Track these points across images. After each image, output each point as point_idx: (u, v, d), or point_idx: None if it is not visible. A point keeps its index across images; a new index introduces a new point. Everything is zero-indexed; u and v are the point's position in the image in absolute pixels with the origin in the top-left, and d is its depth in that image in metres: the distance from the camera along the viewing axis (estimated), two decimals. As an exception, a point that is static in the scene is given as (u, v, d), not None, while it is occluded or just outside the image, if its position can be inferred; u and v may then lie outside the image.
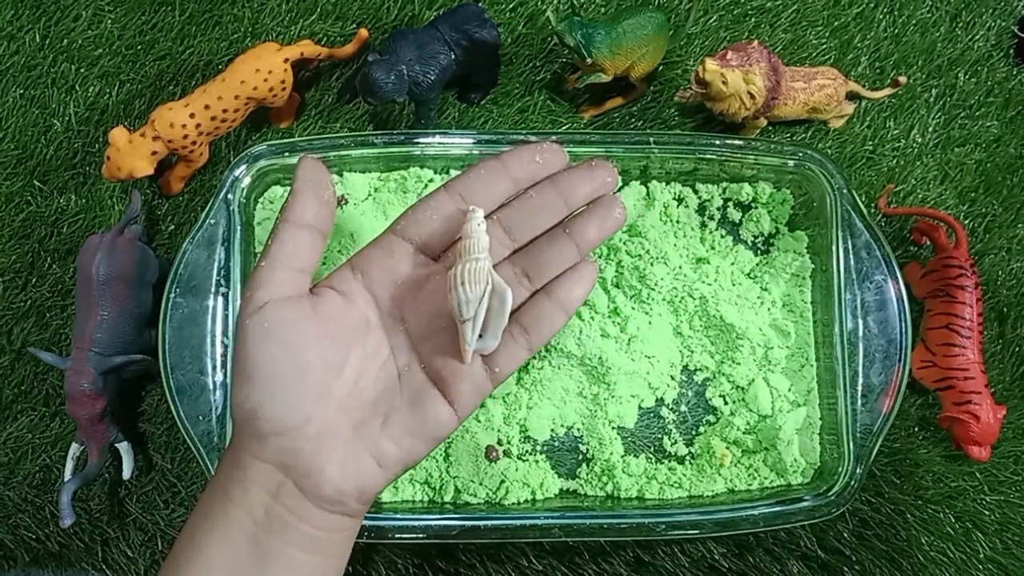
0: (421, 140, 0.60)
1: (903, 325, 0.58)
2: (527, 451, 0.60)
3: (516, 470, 0.59)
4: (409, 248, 0.40)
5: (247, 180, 0.58)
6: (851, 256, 0.59)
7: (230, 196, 0.58)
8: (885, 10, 0.69)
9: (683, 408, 0.62)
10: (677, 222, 0.63)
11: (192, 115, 0.58)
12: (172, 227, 0.64)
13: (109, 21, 0.65)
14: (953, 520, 0.63)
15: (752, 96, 0.60)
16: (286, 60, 0.59)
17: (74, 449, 0.58)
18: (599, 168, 0.41)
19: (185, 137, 0.58)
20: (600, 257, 0.61)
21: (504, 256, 0.40)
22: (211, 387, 0.56)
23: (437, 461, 0.59)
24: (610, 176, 0.41)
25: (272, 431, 0.36)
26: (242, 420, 0.37)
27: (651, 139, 0.60)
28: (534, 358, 0.59)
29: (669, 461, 0.61)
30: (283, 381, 0.36)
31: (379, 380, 0.39)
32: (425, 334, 0.39)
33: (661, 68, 0.66)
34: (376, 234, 0.61)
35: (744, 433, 0.61)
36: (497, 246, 0.40)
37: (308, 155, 0.40)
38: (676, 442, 0.61)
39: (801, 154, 0.60)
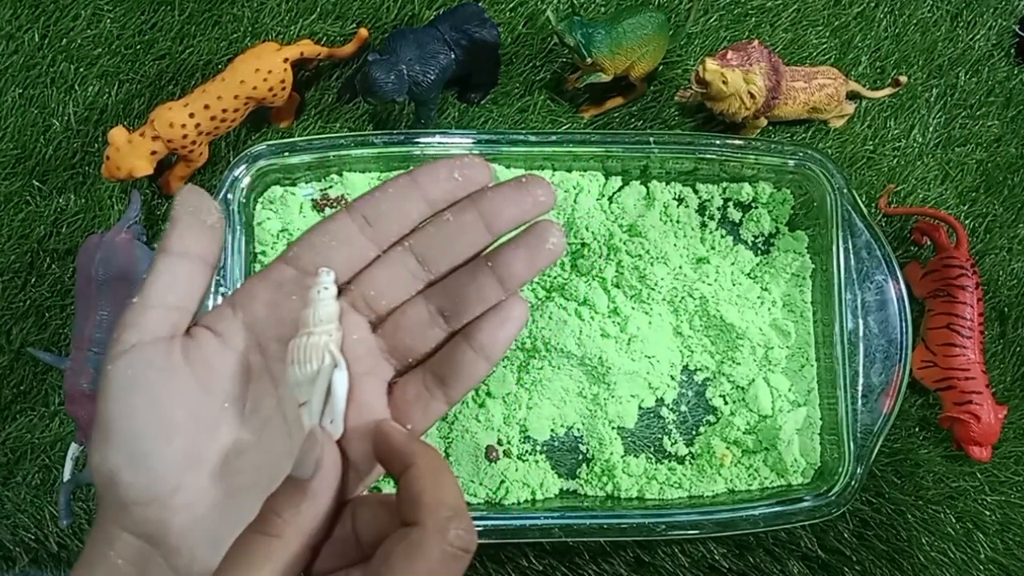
0: (421, 140, 0.60)
1: (904, 325, 0.58)
2: (527, 451, 0.60)
3: (516, 470, 0.59)
4: (303, 280, 0.33)
5: (247, 180, 0.58)
6: (851, 256, 0.59)
7: (230, 196, 0.58)
8: (886, 9, 0.69)
9: (683, 408, 0.62)
10: (677, 222, 0.63)
11: (192, 115, 0.58)
12: (171, 227, 0.63)
13: (108, 20, 0.65)
14: (954, 520, 0.62)
15: (752, 96, 0.60)
16: (286, 60, 0.59)
17: (73, 449, 0.58)
18: (530, 185, 0.33)
19: (184, 137, 0.58)
20: (600, 257, 0.61)
21: (417, 290, 0.34)
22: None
23: (437, 461, 0.59)
24: (544, 195, 0.33)
25: (134, 500, 0.30)
26: (102, 485, 0.31)
27: (651, 139, 0.60)
28: (533, 358, 0.59)
29: (669, 461, 0.61)
30: (146, 442, 0.30)
31: (265, 438, 0.33)
32: None
33: (661, 68, 0.66)
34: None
35: (744, 433, 0.60)
36: (409, 278, 0.33)
37: (188, 185, 0.34)
38: (676, 442, 0.61)
39: (801, 154, 0.60)
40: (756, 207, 0.64)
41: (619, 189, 0.63)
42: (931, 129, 0.67)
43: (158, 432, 0.31)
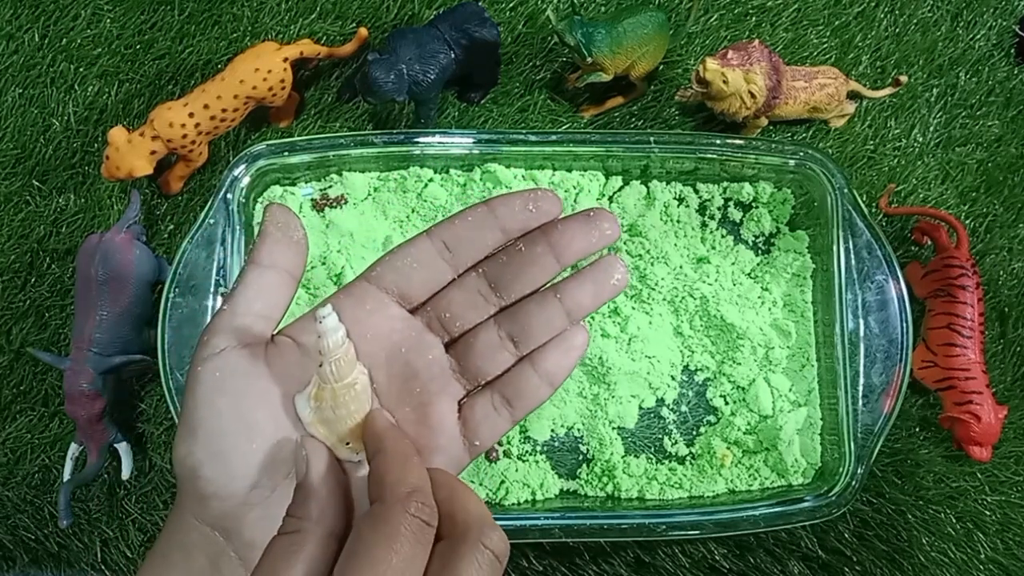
0: (421, 139, 0.59)
1: (904, 325, 0.58)
2: (527, 451, 0.60)
3: (516, 470, 0.59)
4: (384, 298, 0.35)
5: (246, 179, 0.58)
6: (852, 256, 0.59)
7: (229, 196, 0.57)
8: (886, 9, 0.69)
9: (684, 408, 0.62)
10: (678, 222, 0.63)
11: (191, 114, 0.58)
12: (171, 227, 0.63)
13: (108, 20, 0.65)
14: (954, 520, 0.62)
15: (753, 95, 0.60)
16: (285, 59, 0.59)
17: (73, 449, 0.58)
18: (597, 219, 0.36)
19: (184, 136, 0.58)
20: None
21: (489, 314, 0.36)
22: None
23: (437, 461, 0.59)
24: (610, 228, 0.36)
25: (213, 493, 0.32)
26: (183, 478, 0.33)
27: (652, 138, 0.60)
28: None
29: (670, 461, 0.61)
30: (229, 440, 0.33)
31: None
32: (397, 397, 0.35)
33: (661, 67, 0.66)
34: (375, 233, 0.61)
35: (745, 433, 0.60)
36: (482, 302, 0.35)
37: (276, 203, 0.36)
38: (677, 442, 0.61)
39: (802, 153, 0.60)
40: (757, 207, 0.63)
41: (619, 189, 0.63)
42: (931, 129, 0.67)
43: (240, 432, 0.33)
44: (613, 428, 0.61)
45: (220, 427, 0.32)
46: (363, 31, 0.63)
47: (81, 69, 0.65)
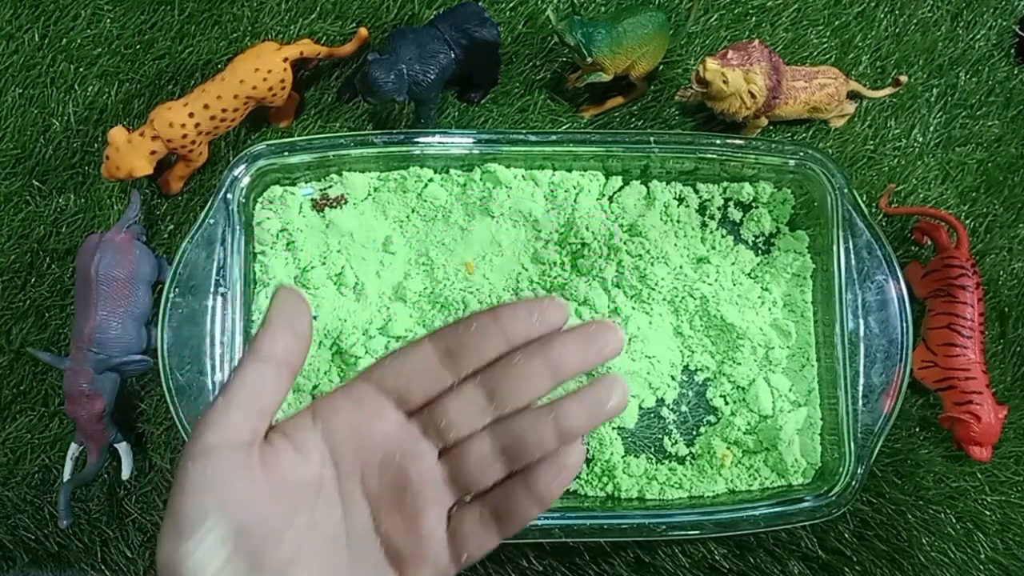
0: (421, 139, 0.59)
1: (904, 325, 0.58)
2: (527, 451, 0.60)
3: (516, 470, 0.59)
4: (383, 401, 0.35)
5: (246, 180, 0.58)
6: (852, 256, 0.59)
7: (229, 196, 0.57)
8: (886, 9, 0.69)
9: (684, 408, 0.62)
10: (678, 222, 0.63)
11: (191, 114, 0.58)
12: (171, 227, 0.63)
13: (108, 20, 0.65)
14: (954, 520, 0.62)
15: (753, 95, 0.60)
16: (285, 59, 0.59)
17: (73, 449, 0.58)
18: (597, 335, 0.35)
19: (184, 136, 0.58)
20: (600, 257, 0.61)
21: (484, 424, 0.35)
22: (210, 387, 0.55)
23: (437, 461, 0.59)
24: (612, 345, 0.35)
25: None
26: (164, 572, 0.32)
27: (652, 138, 0.60)
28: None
29: (670, 461, 0.61)
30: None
31: (324, 550, 0.34)
32: (388, 504, 0.34)
33: (661, 67, 0.66)
34: (375, 233, 0.61)
35: (745, 433, 0.60)
36: (478, 413, 0.35)
37: (285, 286, 0.36)
38: (677, 442, 0.61)
39: (802, 153, 0.60)
40: (757, 207, 0.63)
41: (619, 189, 0.63)
42: (931, 129, 0.67)
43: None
44: (613, 428, 0.61)
45: (205, 527, 0.32)
46: (363, 31, 0.63)
47: (81, 69, 0.65)
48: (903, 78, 0.66)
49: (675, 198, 0.63)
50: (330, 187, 0.62)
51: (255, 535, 0.32)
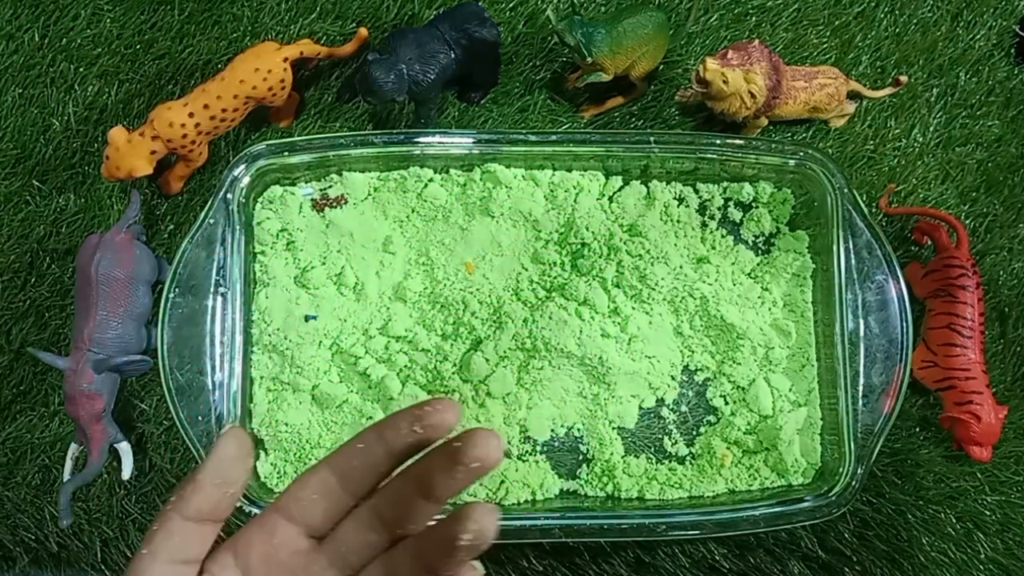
0: (421, 140, 0.60)
1: (904, 325, 0.58)
2: (527, 451, 0.60)
3: (516, 470, 0.59)
4: (292, 529, 0.35)
5: (246, 179, 0.58)
6: (852, 256, 0.59)
7: (229, 196, 0.57)
8: (886, 9, 0.69)
9: (684, 408, 0.62)
10: (678, 222, 0.63)
11: (191, 114, 0.58)
12: (171, 227, 0.63)
13: (108, 20, 0.65)
14: (954, 520, 0.62)
15: (753, 95, 0.60)
16: (285, 59, 0.59)
17: (73, 449, 0.58)
18: (463, 454, 0.31)
19: (184, 136, 0.58)
20: (600, 257, 0.61)
21: (381, 549, 0.34)
22: (210, 387, 0.55)
23: (437, 461, 0.59)
24: (480, 460, 0.31)
25: None
26: None
27: (652, 138, 0.60)
28: (533, 358, 0.59)
29: (670, 461, 0.61)
30: None
31: None
32: None
33: (662, 67, 0.66)
34: (375, 233, 0.61)
35: (745, 433, 0.60)
36: (375, 539, 0.34)
37: (235, 429, 0.35)
38: (677, 442, 0.61)
39: (802, 153, 0.60)
40: (757, 207, 0.63)
41: (619, 189, 0.63)
42: (931, 129, 0.67)
43: None
44: (613, 428, 0.61)
45: None
46: (363, 31, 0.63)
47: (81, 69, 0.65)
48: (903, 78, 0.66)
49: (675, 198, 0.63)
50: (330, 187, 0.62)
51: None
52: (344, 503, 0.35)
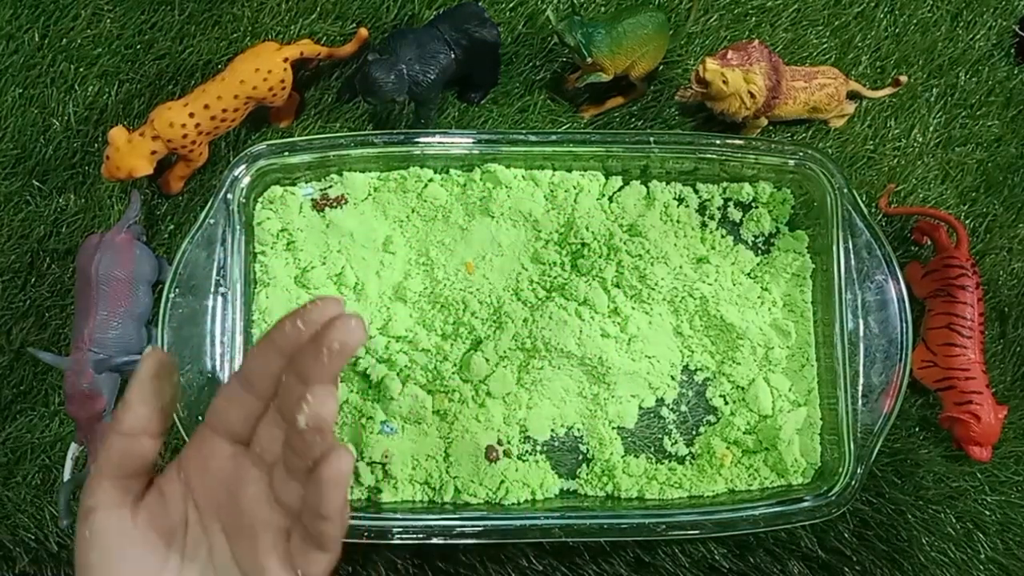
0: (421, 140, 0.60)
1: (904, 325, 0.58)
2: (527, 451, 0.60)
3: (516, 470, 0.59)
4: (216, 440, 0.37)
5: (246, 180, 0.58)
6: (852, 256, 0.59)
7: (229, 196, 0.57)
8: (886, 9, 0.69)
9: (683, 408, 0.62)
10: (677, 222, 0.63)
11: (191, 115, 0.58)
12: (171, 227, 0.63)
13: (108, 20, 0.65)
14: (954, 520, 0.62)
15: (753, 95, 0.60)
16: (286, 59, 0.59)
17: (73, 449, 0.58)
18: (324, 337, 0.33)
19: (184, 137, 0.58)
20: (600, 257, 0.61)
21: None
22: (210, 387, 0.55)
23: (437, 461, 0.59)
24: (342, 340, 0.33)
25: None
26: None
27: (651, 138, 0.60)
28: (533, 358, 0.59)
29: (669, 461, 0.61)
30: None
31: None
32: (240, 533, 0.37)
33: (661, 67, 0.66)
34: (375, 233, 0.61)
35: (744, 433, 0.60)
36: (280, 435, 0.36)
37: (154, 350, 0.38)
38: (676, 442, 0.61)
39: (802, 153, 0.60)
40: (756, 207, 0.63)
41: (619, 189, 0.63)
42: (931, 129, 0.67)
43: None
44: (613, 428, 0.61)
45: None
46: (363, 31, 0.63)
47: (81, 69, 0.65)
48: (903, 78, 0.66)
49: (675, 198, 0.63)
50: (330, 187, 0.62)
51: None
52: (254, 407, 0.37)
